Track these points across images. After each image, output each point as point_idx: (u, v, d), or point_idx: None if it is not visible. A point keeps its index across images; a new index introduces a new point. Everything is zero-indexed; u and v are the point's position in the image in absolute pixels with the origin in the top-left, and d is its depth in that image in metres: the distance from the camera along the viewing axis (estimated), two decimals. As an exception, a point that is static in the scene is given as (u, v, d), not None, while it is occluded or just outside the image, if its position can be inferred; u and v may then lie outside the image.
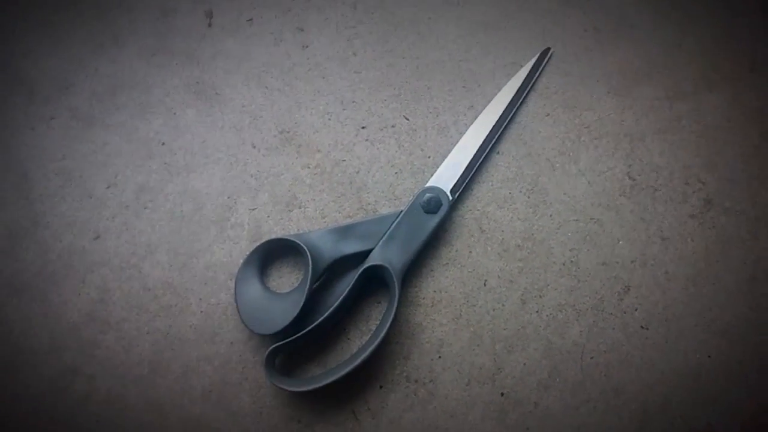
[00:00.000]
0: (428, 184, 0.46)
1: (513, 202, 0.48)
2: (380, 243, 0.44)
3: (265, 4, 0.55)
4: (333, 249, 0.44)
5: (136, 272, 0.47)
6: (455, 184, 0.46)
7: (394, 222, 0.44)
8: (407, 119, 0.51)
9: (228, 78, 0.53)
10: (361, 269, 0.43)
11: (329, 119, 0.51)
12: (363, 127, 0.51)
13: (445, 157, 0.48)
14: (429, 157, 0.49)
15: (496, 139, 0.49)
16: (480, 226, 0.47)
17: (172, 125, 0.51)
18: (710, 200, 0.47)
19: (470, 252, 0.47)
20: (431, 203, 0.45)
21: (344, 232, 0.44)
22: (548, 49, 0.52)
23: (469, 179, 0.48)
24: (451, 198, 0.46)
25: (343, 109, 0.51)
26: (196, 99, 0.52)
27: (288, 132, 0.51)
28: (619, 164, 0.48)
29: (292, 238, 0.43)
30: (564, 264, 0.46)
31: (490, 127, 0.48)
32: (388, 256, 0.43)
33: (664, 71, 0.51)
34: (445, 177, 0.47)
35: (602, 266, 0.46)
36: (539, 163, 0.49)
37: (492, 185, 0.48)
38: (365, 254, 0.44)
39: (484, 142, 0.48)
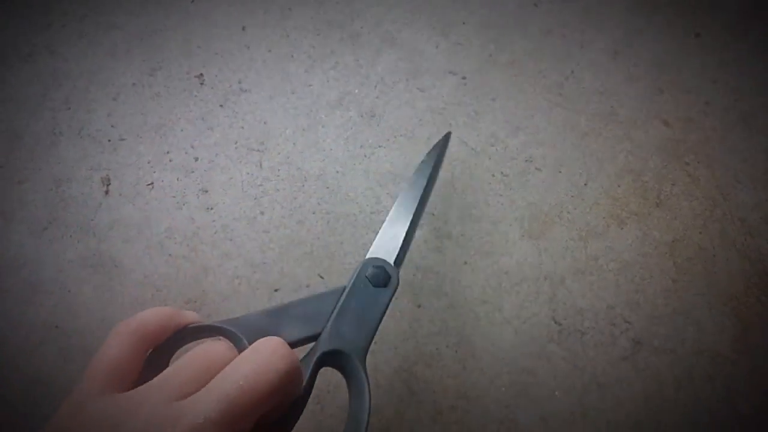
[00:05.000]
0: (369, 256, 0.38)
1: (441, 358, 0.45)
2: (329, 324, 0.33)
3: (166, 166, 0.53)
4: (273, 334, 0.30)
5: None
6: (397, 256, 0.38)
7: (341, 298, 0.35)
8: (322, 278, 0.48)
9: (127, 248, 0.49)
10: (314, 358, 0.32)
11: (239, 284, 0.48)
12: (276, 290, 0.48)
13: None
14: (349, 317, 0.47)
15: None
16: (409, 387, 0.44)
17: (66, 306, 0.47)
18: (639, 340, 0.46)
19: (402, 418, 0.43)
20: (378, 277, 0.36)
21: (280, 314, 0.33)
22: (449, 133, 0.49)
23: None
24: (398, 271, 0.37)
25: (254, 272, 0.49)
26: (93, 273, 0.48)
27: (195, 301, 0.47)
28: (543, 309, 0.47)
29: (221, 325, 0.31)
30: (502, 423, 0.43)
31: (417, 201, 0.42)
32: (343, 339, 0.33)
33: (574, 211, 0.51)
34: (385, 249, 0.39)
35: (542, 422, 0.43)
36: (463, 315, 0.47)
37: (417, 342, 0.46)
38: (310, 340, 0.33)
39: (414, 214, 0.41)
